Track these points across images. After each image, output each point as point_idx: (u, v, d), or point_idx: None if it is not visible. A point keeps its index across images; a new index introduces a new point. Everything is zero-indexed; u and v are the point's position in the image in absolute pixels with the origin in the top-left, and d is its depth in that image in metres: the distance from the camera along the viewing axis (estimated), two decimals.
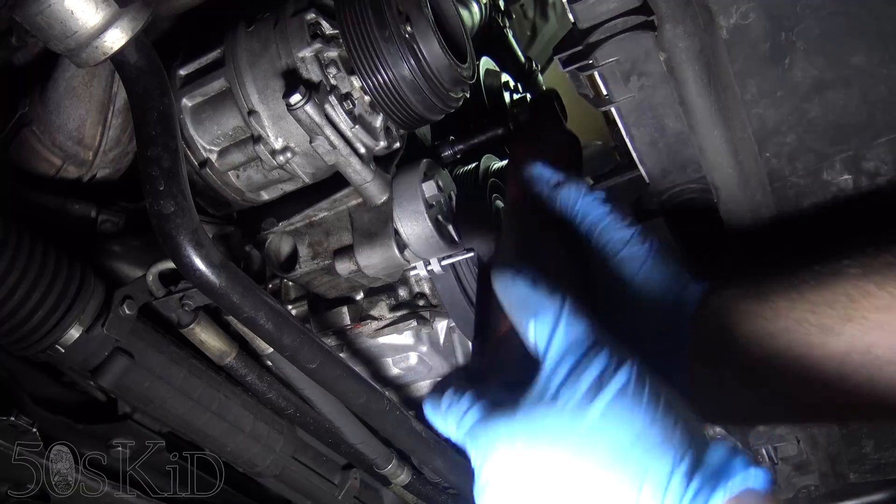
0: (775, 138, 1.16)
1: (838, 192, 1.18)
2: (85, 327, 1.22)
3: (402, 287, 1.57)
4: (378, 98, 1.24)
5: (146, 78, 0.99)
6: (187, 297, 1.24)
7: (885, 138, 1.12)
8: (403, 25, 1.21)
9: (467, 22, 1.88)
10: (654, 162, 1.21)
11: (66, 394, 1.42)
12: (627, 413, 0.66)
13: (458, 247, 1.41)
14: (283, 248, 1.45)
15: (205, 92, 1.32)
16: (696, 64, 1.07)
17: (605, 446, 0.65)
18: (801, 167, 1.18)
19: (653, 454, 0.64)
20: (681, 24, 1.04)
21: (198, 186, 1.38)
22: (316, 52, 1.23)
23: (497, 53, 2.22)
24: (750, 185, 1.19)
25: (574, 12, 1.05)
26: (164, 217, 0.94)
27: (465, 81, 1.32)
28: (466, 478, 1.60)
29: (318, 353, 1.16)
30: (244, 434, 1.45)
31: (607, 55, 1.06)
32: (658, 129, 1.16)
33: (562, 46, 1.10)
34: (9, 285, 1.13)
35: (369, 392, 1.28)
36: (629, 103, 1.13)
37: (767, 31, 1.06)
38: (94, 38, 0.93)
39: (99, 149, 1.34)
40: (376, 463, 1.52)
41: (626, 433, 0.65)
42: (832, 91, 1.10)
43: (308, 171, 1.34)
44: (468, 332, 1.56)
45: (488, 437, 0.73)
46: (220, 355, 1.32)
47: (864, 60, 1.07)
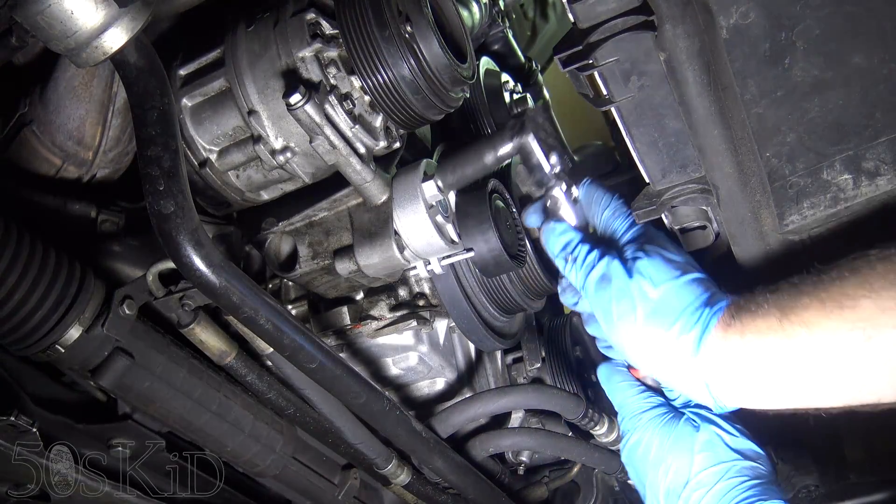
0: (775, 138, 1.16)
1: (838, 191, 1.18)
2: (85, 327, 1.22)
3: (402, 287, 1.57)
4: (378, 98, 1.24)
5: (146, 78, 0.99)
6: (187, 297, 1.24)
7: (885, 138, 1.12)
8: (403, 25, 1.21)
9: (467, 22, 1.88)
10: (654, 162, 1.21)
11: (66, 394, 1.42)
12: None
13: (458, 247, 1.40)
14: (283, 248, 1.45)
15: (205, 92, 1.32)
16: (696, 64, 1.07)
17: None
18: (801, 167, 1.18)
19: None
20: (681, 24, 1.04)
21: (198, 186, 1.38)
22: (316, 52, 1.23)
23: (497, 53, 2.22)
24: (750, 185, 1.19)
25: (574, 12, 1.05)
26: (164, 217, 0.94)
27: (465, 81, 1.32)
28: (466, 478, 1.60)
29: (318, 353, 1.16)
30: (244, 434, 1.45)
31: (607, 55, 1.05)
32: (658, 129, 1.16)
33: (562, 46, 1.10)
34: (9, 285, 1.13)
35: (369, 392, 1.28)
36: (629, 103, 1.13)
37: (767, 30, 1.06)
38: (94, 38, 0.93)
39: (99, 149, 1.35)
40: (376, 463, 1.52)
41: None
42: (832, 91, 1.10)
43: (308, 170, 1.34)
44: (468, 332, 1.56)
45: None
46: (220, 355, 1.32)
47: (864, 60, 1.07)
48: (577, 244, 1.19)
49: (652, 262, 1.11)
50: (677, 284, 1.08)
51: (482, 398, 1.62)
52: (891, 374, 0.88)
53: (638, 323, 1.08)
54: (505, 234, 1.45)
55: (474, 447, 1.70)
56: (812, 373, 0.93)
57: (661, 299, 1.07)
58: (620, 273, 1.12)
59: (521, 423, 1.79)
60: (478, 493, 1.64)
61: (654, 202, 1.24)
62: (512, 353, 1.88)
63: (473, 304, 1.53)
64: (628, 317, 1.09)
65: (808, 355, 0.92)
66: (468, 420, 1.63)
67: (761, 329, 0.96)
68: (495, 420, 1.80)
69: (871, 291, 0.88)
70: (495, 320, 1.61)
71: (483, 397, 1.62)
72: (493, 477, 1.78)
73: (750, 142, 1.16)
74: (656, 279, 1.09)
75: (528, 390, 1.66)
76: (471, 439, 1.71)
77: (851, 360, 0.89)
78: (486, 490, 1.67)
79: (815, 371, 0.92)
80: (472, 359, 1.80)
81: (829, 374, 0.91)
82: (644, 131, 1.17)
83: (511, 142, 1.27)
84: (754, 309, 0.99)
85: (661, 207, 1.24)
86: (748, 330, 0.98)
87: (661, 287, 1.08)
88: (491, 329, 1.57)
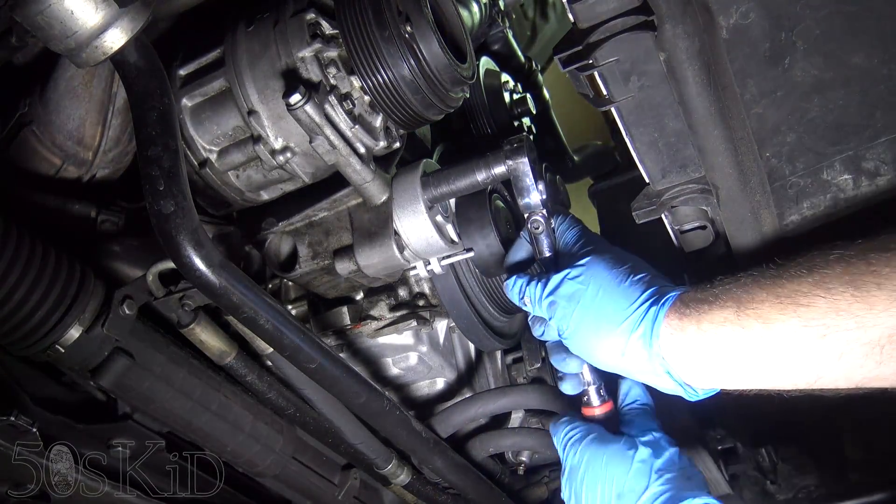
0: (775, 138, 1.16)
1: (838, 191, 1.18)
2: (85, 327, 1.22)
3: (402, 287, 1.57)
4: (378, 98, 1.24)
5: (146, 78, 0.99)
6: (187, 297, 1.24)
7: (884, 138, 1.12)
8: (403, 25, 1.21)
9: (467, 22, 1.88)
10: (654, 162, 1.21)
11: (66, 394, 1.42)
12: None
13: (458, 247, 1.40)
14: (283, 248, 1.45)
15: (205, 92, 1.32)
16: (696, 64, 1.07)
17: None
18: (801, 167, 1.18)
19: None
20: (681, 23, 1.04)
21: (198, 186, 1.38)
22: (316, 52, 1.23)
23: (497, 53, 2.22)
24: (750, 185, 1.19)
25: (574, 12, 1.05)
26: (164, 217, 0.94)
27: (465, 81, 1.32)
28: (466, 478, 1.60)
29: (318, 353, 1.16)
30: (244, 434, 1.45)
31: (607, 55, 1.06)
32: (658, 128, 1.16)
33: (562, 46, 1.10)
34: (9, 285, 1.13)
35: (369, 392, 1.28)
36: (629, 103, 1.13)
37: (767, 30, 1.06)
38: (94, 38, 0.93)
39: (99, 149, 1.34)
40: (376, 463, 1.52)
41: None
42: (832, 91, 1.10)
43: (308, 170, 1.34)
44: (468, 332, 1.56)
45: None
46: (220, 355, 1.32)
47: (864, 60, 1.07)
48: (527, 285, 1.23)
49: (595, 273, 1.15)
50: (622, 288, 1.12)
51: (482, 398, 1.62)
52: (843, 367, 0.91)
53: (593, 329, 1.12)
54: (505, 234, 1.45)
55: (474, 447, 1.71)
56: (768, 362, 0.96)
57: (607, 303, 1.11)
58: (569, 291, 1.16)
59: (521, 423, 1.79)
60: (478, 493, 1.64)
61: (654, 202, 1.24)
62: (512, 353, 1.88)
63: (473, 304, 1.53)
64: (584, 326, 1.13)
65: (763, 347, 0.96)
66: (468, 420, 1.63)
67: (717, 320, 1.00)
68: (495, 420, 1.80)
69: (827, 292, 0.91)
70: (495, 320, 1.61)
71: (483, 397, 1.62)
72: (493, 477, 1.78)
73: (750, 142, 1.16)
74: (602, 287, 1.13)
75: (528, 390, 1.66)
76: (471, 439, 1.71)
77: (806, 354, 0.93)
78: (486, 490, 1.67)
79: (771, 360, 0.96)
80: (472, 359, 1.80)
81: (785, 364, 0.95)
82: (644, 131, 1.17)
83: (505, 164, 1.28)
84: (711, 300, 1.02)
85: (661, 207, 1.24)
86: (705, 319, 1.01)
87: (605, 293, 1.12)
88: (491, 329, 1.57)
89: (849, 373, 0.91)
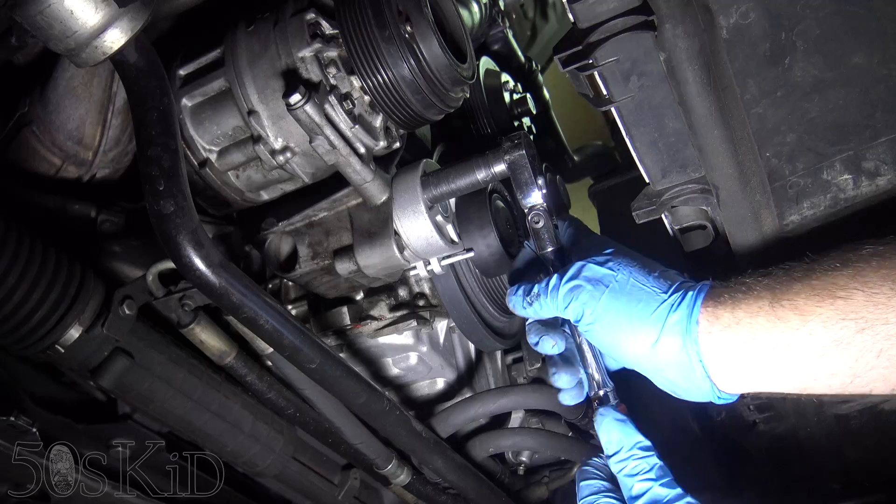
0: (775, 138, 1.16)
1: (838, 191, 1.18)
2: (85, 327, 1.22)
3: (402, 287, 1.57)
4: (378, 98, 1.24)
5: (146, 78, 0.99)
6: (187, 297, 1.24)
7: (884, 138, 1.12)
8: (403, 25, 1.21)
9: (467, 22, 1.88)
10: (654, 162, 1.21)
11: (66, 394, 1.42)
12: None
13: (458, 247, 1.40)
14: (283, 248, 1.45)
15: (205, 92, 1.32)
16: (696, 64, 1.07)
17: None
18: (801, 167, 1.18)
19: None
20: (681, 23, 1.04)
21: (198, 186, 1.38)
22: (316, 52, 1.23)
23: (497, 53, 2.22)
24: (750, 185, 1.19)
25: (574, 12, 1.05)
26: (164, 217, 0.94)
27: (465, 81, 1.32)
28: (466, 478, 1.60)
29: (318, 353, 1.16)
30: (244, 434, 1.45)
31: (607, 55, 1.06)
32: (658, 128, 1.16)
33: (562, 46, 1.10)
34: (9, 285, 1.13)
35: (369, 392, 1.28)
36: (629, 103, 1.13)
37: (767, 30, 1.06)
38: (94, 38, 0.93)
39: (99, 149, 1.34)
40: (376, 463, 1.52)
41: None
42: (832, 91, 1.10)
43: (308, 171, 1.34)
44: (468, 332, 1.56)
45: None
46: (220, 355, 1.32)
47: (864, 60, 1.07)
48: (534, 285, 1.21)
49: (624, 260, 1.13)
50: (653, 276, 1.10)
51: (482, 398, 1.62)
52: (881, 366, 0.88)
53: (624, 315, 1.08)
54: (505, 234, 1.45)
55: (474, 447, 1.70)
56: (804, 356, 0.93)
57: (641, 288, 1.08)
58: (597, 275, 1.13)
59: (521, 423, 1.79)
60: (478, 493, 1.64)
61: (654, 202, 1.24)
62: (512, 353, 1.88)
63: (473, 304, 1.53)
64: (613, 312, 1.09)
65: (800, 339, 0.92)
66: (468, 420, 1.63)
67: (751, 310, 0.97)
68: (495, 420, 1.80)
69: (864, 285, 0.89)
70: (495, 320, 1.61)
71: (483, 397, 1.62)
72: (493, 477, 1.78)
73: (750, 142, 1.16)
74: (633, 273, 1.11)
75: (528, 390, 1.66)
76: (471, 439, 1.71)
77: (843, 350, 0.89)
78: (486, 490, 1.67)
79: (807, 355, 0.92)
80: (472, 359, 1.80)
81: (821, 359, 0.92)
82: (644, 131, 1.17)
83: (504, 160, 1.28)
84: (745, 290, 1.00)
85: (661, 207, 1.24)
86: (739, 308, 0.98)
87: (637, 278, 1.10)
88: (491, 329, 1.57)
89: (887, 372, 0.88)
